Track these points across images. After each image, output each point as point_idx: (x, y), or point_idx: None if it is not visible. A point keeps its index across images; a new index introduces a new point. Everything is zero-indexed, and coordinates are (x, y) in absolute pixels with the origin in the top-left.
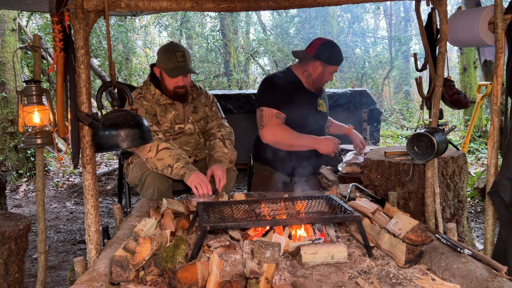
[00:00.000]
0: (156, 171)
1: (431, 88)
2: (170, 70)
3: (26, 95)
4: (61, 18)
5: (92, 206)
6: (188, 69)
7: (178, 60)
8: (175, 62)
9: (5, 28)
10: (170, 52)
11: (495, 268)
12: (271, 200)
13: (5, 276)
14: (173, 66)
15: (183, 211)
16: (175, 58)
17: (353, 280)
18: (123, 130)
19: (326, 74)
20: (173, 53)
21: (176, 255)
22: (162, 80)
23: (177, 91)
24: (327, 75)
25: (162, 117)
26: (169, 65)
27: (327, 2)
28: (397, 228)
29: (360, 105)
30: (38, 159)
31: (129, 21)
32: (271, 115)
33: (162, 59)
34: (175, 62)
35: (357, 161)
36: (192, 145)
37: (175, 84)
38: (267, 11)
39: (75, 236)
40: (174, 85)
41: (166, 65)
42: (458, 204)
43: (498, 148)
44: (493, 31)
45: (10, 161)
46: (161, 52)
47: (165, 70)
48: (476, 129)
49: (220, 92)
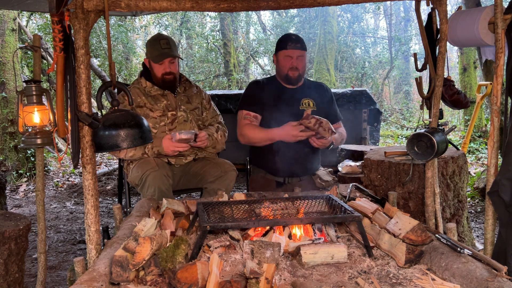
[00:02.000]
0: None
1: (431, 88)
2: (155, 57)
3: (26, 95)
4: (61, 18)
5: (92, 206)
6: (172, 54)
7: (162, 47)
8: (159, 49)
9: (5, 28)
10: (154, 41)
11: (495, 268)
12: (271, 200)
13: (5, 276)
14: (158, 53)
15: (183, 211)
16: (159, 46)
17: (353, 280)
18: (123, 130)
19: (280, 61)
20: (158, 41)
21: (176, 255)
22: (152, 70)
23: (165, 78)
24: (282, 61)
25: (153, 106)
26: (154, 53)
27: (327, 2)
28: (397, 228)
29: (360, 105)
30: (38, 159)
31: (129, 21)
32: (242, 117)
33: (148, 49)
34: (160, 49)
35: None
36: None
37: (162, 71)
38: (267, 11)
39: (75, 236)
40: (162, 72)
41: (152, 53)
42: (458, 204)
43: (498, 148)
44: (493, 31)
45: (10, 161)
46: (147, 43)
47: (152, 58)
48: (476, 129)
49: (220, 92)
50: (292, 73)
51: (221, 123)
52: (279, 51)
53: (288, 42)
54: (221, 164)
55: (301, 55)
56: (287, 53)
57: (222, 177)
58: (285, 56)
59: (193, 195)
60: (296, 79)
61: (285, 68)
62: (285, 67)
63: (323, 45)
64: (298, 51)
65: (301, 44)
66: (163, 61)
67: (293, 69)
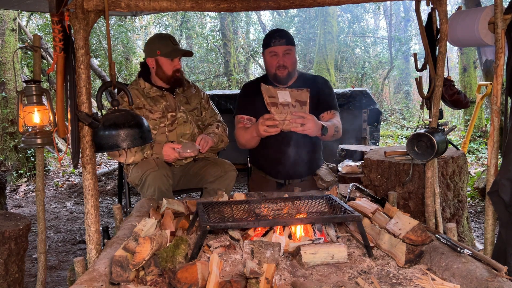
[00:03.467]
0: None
1: (431, 88)
2: (169, 53)
3: (26, 95)
4: (61, 18)
5: (92, 206)
6: (184, 50)
7: (174, 44)
8: (171, 45)
9: (5, 28)
10: (164, 38)
11: (495, 268)
12: (271, 200)
13: (5, 276)
14: (171, 49)
15: (183, 211)
16: (171, 42)
17: (353, 280)
18: (123, 130)
19: (267, 59)
20: (167, 39)
21: (176, 255)
22: (160, 68)
23: (176, 75)
24: (269, 60)
25: (152, 107)
26: (167, 49)
27: (327, 2)
28: (397, 228)
29: (360, 105)
30: (38, 159)
31: (129, 21)
32: (237, 122)
33: (158, 46)
34: (172, 46)
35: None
36: (188, 136)
37: (174, 68)
38: (267, 11)
39: (75, 236)
40: (173, 69)
41: (164, 50)
42: (458, 204)
43: (498, 148)
44: (493, 31)
45: (10, 161)
46: (154, 41)
47: (164, 54)
48: (476, 129)
49: (220, 92)
50: (280, 72)
51: (221, 121)
52: (265, 50)
53: (272, 39)
54: (221, 164)
55: (288, 50)
56: (272, 50)
57: (222, 177)
58: (271, 54)
59: (193, 195)
60: (285, 78)
61: (272, 67)
62: (272, 66)
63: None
64: (283, 47)
65: (287, 38)
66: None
67: (280, 68)
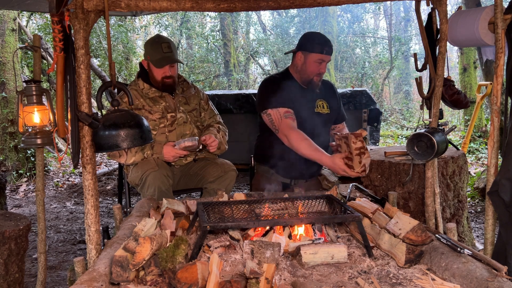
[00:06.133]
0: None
1: (431, 88)
2: (157, 61)
3: (26, 95)
4: (61, 18)
5: (92, 206)
6: (173, 59)
7: (164, 51)
8: (161, 53)
9: (5, 28)
10: (156, 43)
11: (495, 268)
12: (271, 200)
13: (5, 276)
14: (160, 57)
15: (183, 211)
16: (161, 49)
17: (353, 280)
18: (123, 130)
19: (310, 63)
20: (159, 45)
21: (176, 255)
22: (150, 71)
23: (165, 81)
24: (310, 65)
25: (152, 108)
26: (155, 56)
27: (327, 2)
28: (397, 228)
29: (360, 105)
30: (38, 159)
31: (129, 21)
32: (280, 117)
33: (149, 51)
34: (161, 53)
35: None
36: (188, 137)
37: (162, 74)
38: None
39: (75, 236)
40: (162, 76)
41: (153, 57)
42: (458, 204)
43: (498, 148)
44: (493, 31)
45: (10, 161)
46: (147, 44)
47: (152, 61)
48: (476, 129)
49: (220, 92)
50: (317, 78)
51: (221, 123)
52: (311, 53)
53: (325, 47)
54: (221, 164)
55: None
56: (321, 57)
57: (222, 177)
58: (318, 61)
59: (193, 195)
60: (317, 85)
61: (313, 73)
62: (313, 72)
63: None
64: (329, 57)
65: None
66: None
67: (319, 75)
